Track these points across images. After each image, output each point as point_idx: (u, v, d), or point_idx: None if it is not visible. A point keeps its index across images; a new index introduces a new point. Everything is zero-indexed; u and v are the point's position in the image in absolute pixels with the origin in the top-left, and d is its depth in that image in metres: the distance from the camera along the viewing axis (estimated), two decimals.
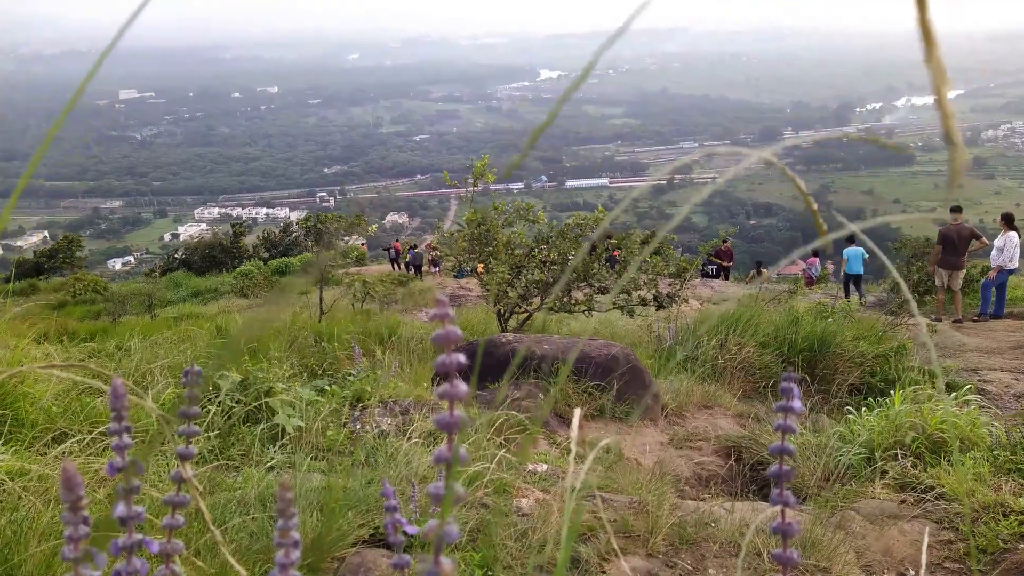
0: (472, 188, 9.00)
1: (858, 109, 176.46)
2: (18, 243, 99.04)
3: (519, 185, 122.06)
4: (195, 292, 25.39)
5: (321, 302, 11.48)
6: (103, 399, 3.82)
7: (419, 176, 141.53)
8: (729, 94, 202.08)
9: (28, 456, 3.07)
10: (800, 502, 4.07)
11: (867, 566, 3.23)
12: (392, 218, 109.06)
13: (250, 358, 4.86)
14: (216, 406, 4.03)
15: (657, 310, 9.20)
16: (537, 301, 9.31)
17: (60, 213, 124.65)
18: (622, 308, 9.10)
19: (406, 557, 1.02)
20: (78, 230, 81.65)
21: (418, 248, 27.52)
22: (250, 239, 40.85)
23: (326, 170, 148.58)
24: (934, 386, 5.54)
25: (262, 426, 4.02)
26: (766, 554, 3.02)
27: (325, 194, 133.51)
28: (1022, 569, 3.06)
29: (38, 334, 6.27)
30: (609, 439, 4.75)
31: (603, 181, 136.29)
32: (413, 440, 3.87)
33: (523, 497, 3.44)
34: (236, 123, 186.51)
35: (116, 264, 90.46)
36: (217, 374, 4.22)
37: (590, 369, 5.73)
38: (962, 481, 3.80)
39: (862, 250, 16.22)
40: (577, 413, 0.82)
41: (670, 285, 9.39)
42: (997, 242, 11.44)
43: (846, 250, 16.35)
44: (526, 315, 9.45)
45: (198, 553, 2.29)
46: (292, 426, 4.05)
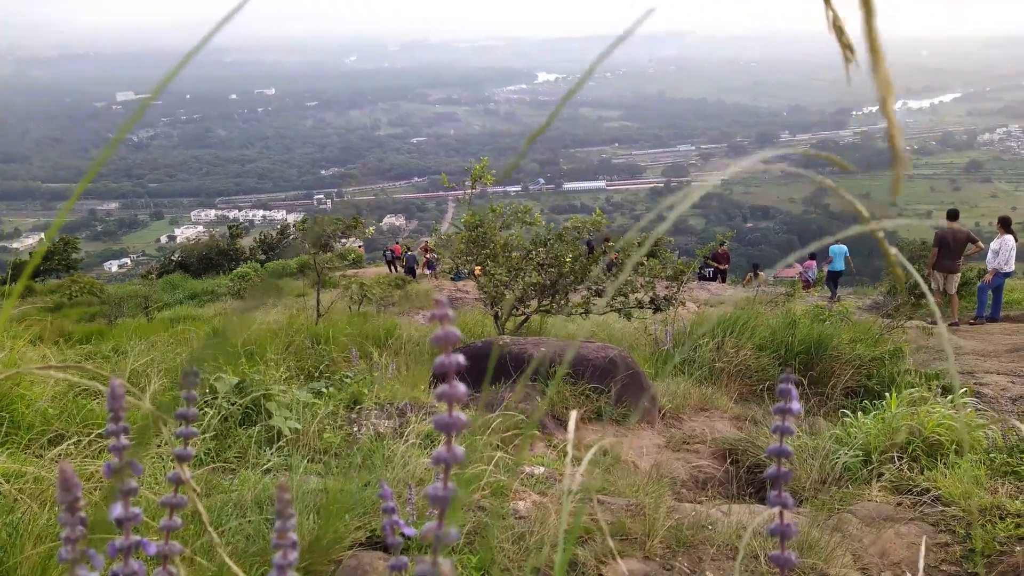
0: (470, 190, 9.01)
1: (855, 112, 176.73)
2: (14, 245, 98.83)
3: (516, 187, 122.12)
4: (192, 294, 25.34)
5: (318, 304, 11.47)
6: (99, 401, 3.81)
7: (417, 178, 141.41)
8: (726, 98, 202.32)
9: (24, 458, 3.07)
10: (797, 505, 4.08)
11: (864, 568, 3.23)
12: (390, 220, 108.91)
13: (247, 360, 4.85)
14: (213, 408, 4.02)
15: (654, 313, 9.21)
16: (534, 303, 9.32)
17: (56, 215, 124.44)
18: (619, 311, 9.11)
19: (404, 559, 1.02)
20: (74, 232, 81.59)
21: (412, 251, 27.52)
22: (247, 241, 40.76)
23: (323, 172, 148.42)
24: (930, 389, 5.55)
25: (258, 428, 4.01)
26: (763, 556, 3.02)
27: (322, 196, 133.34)
28: (1019, 571, 3.07)
29: (34, 336, 6.26)
30: (606, 442, 4.75)
31: (600, 184, 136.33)
32: (410, 442, 3.87)
33: (520, 499, 3.44)
34: (233, 125, 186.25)
35: (112, 266, 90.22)
36: (213, 376, 4.21)
37: (587, 371, 5.73)
38: (959, 484, 3.81)
39: (845, 248, 16.75)
40: (573, 415, 0.82)
41: (667, 288, 9.40)
42: (993, 245, 11.47)
43: (832, 248, 16.73)
44: (523, 317, 9.46)
45: (195, 555, 2.28)
46: (289, 428, 4.04)
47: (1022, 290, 13.98)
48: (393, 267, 27.87)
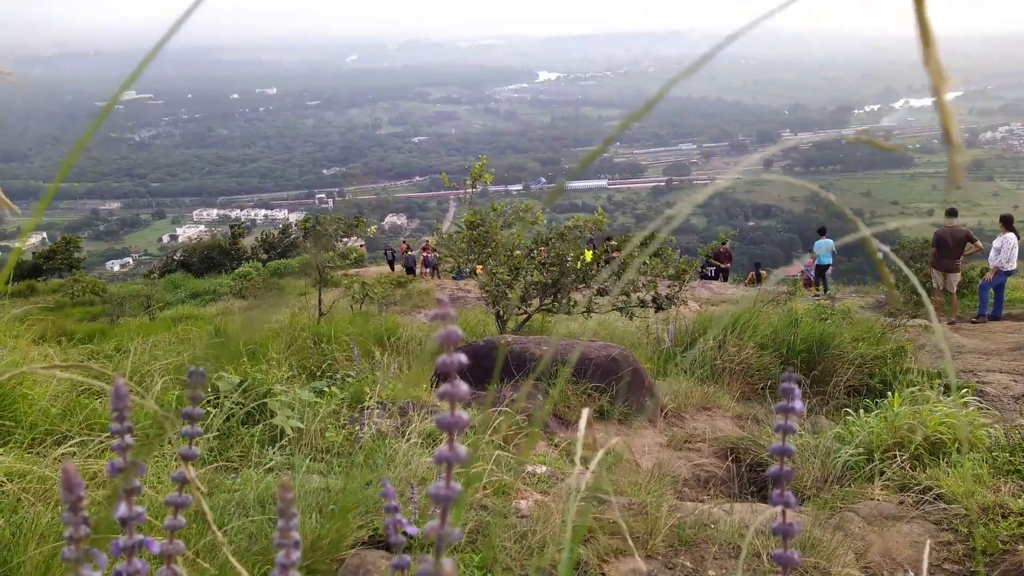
0: (471, 189, 9.01)
1: (856, 111, 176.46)
2: (16, 244, 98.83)
3: (517, 186, 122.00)
4: (194, 293, 25.34)
5: (320, 303, 11.47)
6: (102, 401, 3.81)
7: (418, 177, 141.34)
8: (727, 96, 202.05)
9: (27, 458, 3.07)
10: (799, 503, 4.07)
11: (866, 567, 3.23)
12: (391, 219, 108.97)
13: (249, 359, 4.86)
14: (215, 407, 4.03)
15: (656, 312, 9.21)
16: (536, 302, 9.32)
17: (58, 214, 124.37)
18: (621, 310, 9.11)
19: (406, 558, 1.02)
20: (76, 231, 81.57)
21: (412, 251, 27.60)
22: (248, 240, 40.78)
23: (324, 171, 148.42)
24: (932, 388, 5.55)
25: (261, 427, 4.02)
26: (765, 555, 3.02)
27: (324, 195, 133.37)
28: (1021, 570, 3.07)
29: (36, 335, 6.26)
30: (613, 441, 4.75)
31: (602, 183, 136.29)
32: (412, 441, 3.87)
33: (522, 499, 3.44)
34: (234, 124, 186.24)
35: (114, 266, 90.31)
36: (216, 375, 4.22)
37: (589, 370, 5.73)
38: (961, 483, 3.81)
39: (831, 242, 17.42)
40: (585, 413, 0.82)
41: (669, 287, 9.40)
42: (995, 243, 11.47)
43: (817, 242, 17.54)
44: (525, 316, 9.45)
45: (198, 554, 2.29)
46: (291, 427, 4.04)
47: None
48: (394, 266, 27.90)
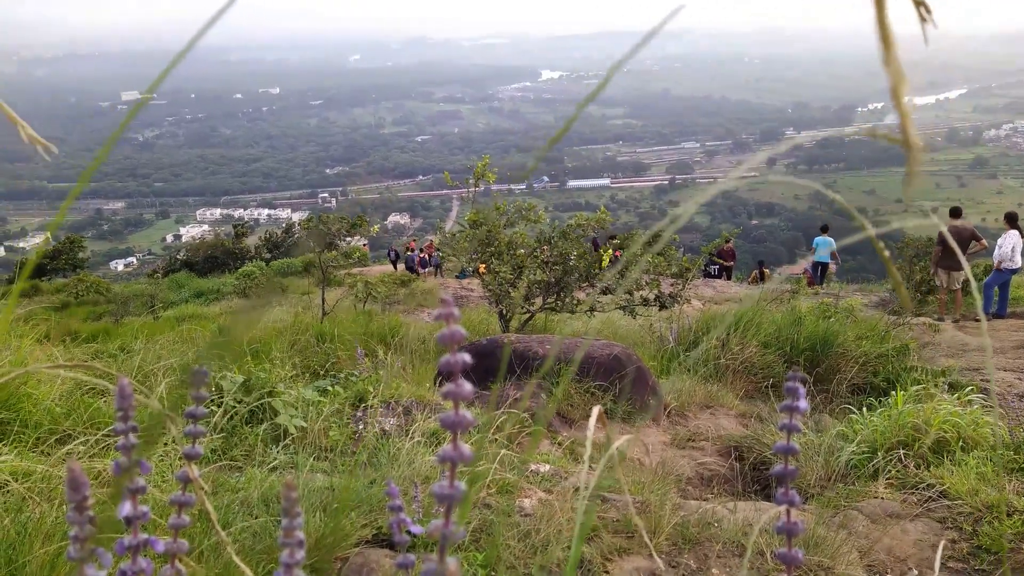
0: (474, 188, 9.01)
1: (859, 109, 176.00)
2: (20, 244, 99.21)
3: (521, 185, 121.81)
4: (197, 293, 25.38)
5: (323, 303, 11.48)
6: (107, 400, 3.82)
7: (421, 177, 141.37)
8: (730, 95, 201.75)
9: (32, 457, 3.08)
10: (803, 502, 4.07)
11: (870, 565, 3.22)
12: (394, 219, 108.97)
13: (252, 358, 4.86)
14: (219, 407, 4.03)
15: (659, 310, 9.20)
16: (539, 301, 9.32)
17: (64, 216, 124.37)
18: (624, 308, 9.10)
19: (410, 557, 1.02)
20: (80, 231, 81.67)
21: (413, 251, 27.71)
22: (252, 240, 40.83)
23: (328, 171, 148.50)
24: (936, 386, 5.54)
25: (265, 426, 4.02)
26: (769, 554, 3.02)
27: (327, 195, 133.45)
28: None
29: (41, 335, 6.28)
30: (623, 440, 4.75)
31: (605, 181, 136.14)
32: (415, 440, 3.88)
33: (526, 497, 3.44)
34: (238, 124, 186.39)
35: (118, 265, 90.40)
36: (219, 375, 4.23)
37: (592, 369, 5.73)
38: (965, 481, 3.80)
39: (830, 240, 17.97)
40: (596, 411, 0.82)
41: (672, 285, 9.39)
42: (999, 240, 11.45)
43: (817, 239, 18.13)
44: (528, 315, 9.45)
45: (202, 553, 2.29)
46: (295, 426, 4.05)
47: None
48: (396, 265, 27.95)
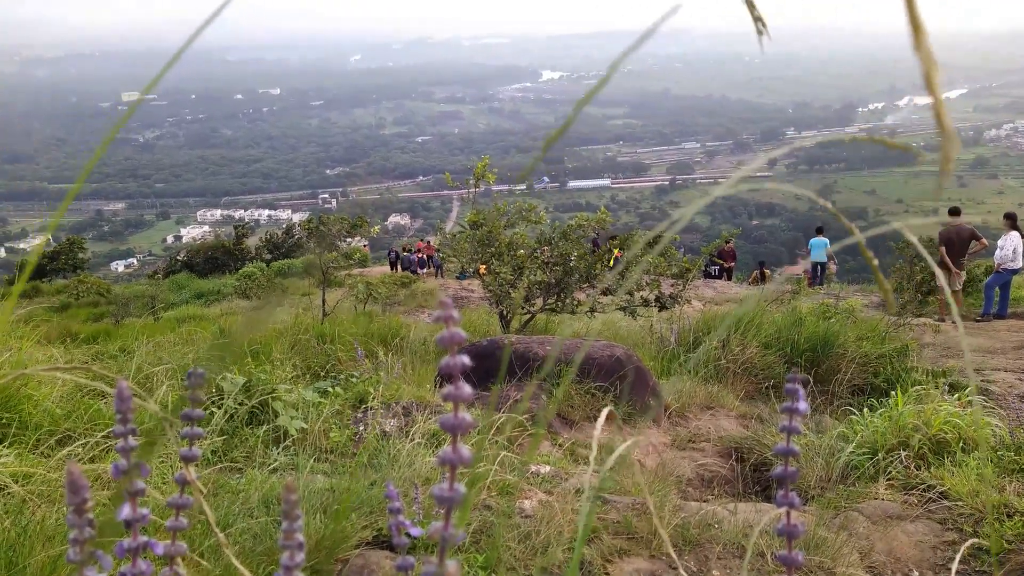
0: (474, 189, 9.01)
1: (860, 109, 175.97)
2: (21, 245, 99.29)
3: (521, 186, 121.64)
4: (198, 294, 25.40)
5: (324, 304, 11.48)
6: (107, 401, 3.82)
7: (421, 177, 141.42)
8: (731, 94, 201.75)
9: (32, 459, 3.08)
10: (803, 503, 4.07)
11: (871, 567, 3.22)
12: (395, 219, 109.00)
13: (253, 360, 4.86)
14: (219, 408, 4.03)
15: (660, 311, 9.20)
16: (539, 302, 9.31)
17: (64, 215, 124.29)
18: (625, 309, 9.10)
19: (410, 559, 1.02)
20: (81, 232, 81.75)
21: (407, 250, 27.93)
22: (252, 241, 40.89)
23: (328, 172, 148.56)
24: (937, 386, 5.53)
25: (265, 428, 4.02)
26: (770, 555, 3.01)
27: (328, 195, 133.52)
28: None
29: (41, 337, 6.28)
30: (629, 443, 4.74)
31: (605, 182, 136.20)
32: (415, 441, 3.87)
33: (526, 499, 3.44)
34: (238, 125, 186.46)
35: (119, 266, 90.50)
36: (220, 376, 4.22)
37: (593, 370, 5.73)
38: (966, 482, 3.80)
39: (826, 241, 18.70)
40: (604, 412, 0.82)
41: (673, 286, 9.38)
42: (999, 241, 11.47)
43: (812, 240, 18.90)
44: (528, 316, 9.45)
45: (202, 555, 2.29)
46: (295, 428, 4.05)
47: None
48: (395, 267, 28.02)
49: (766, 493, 4.73)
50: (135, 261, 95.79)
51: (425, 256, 27.30)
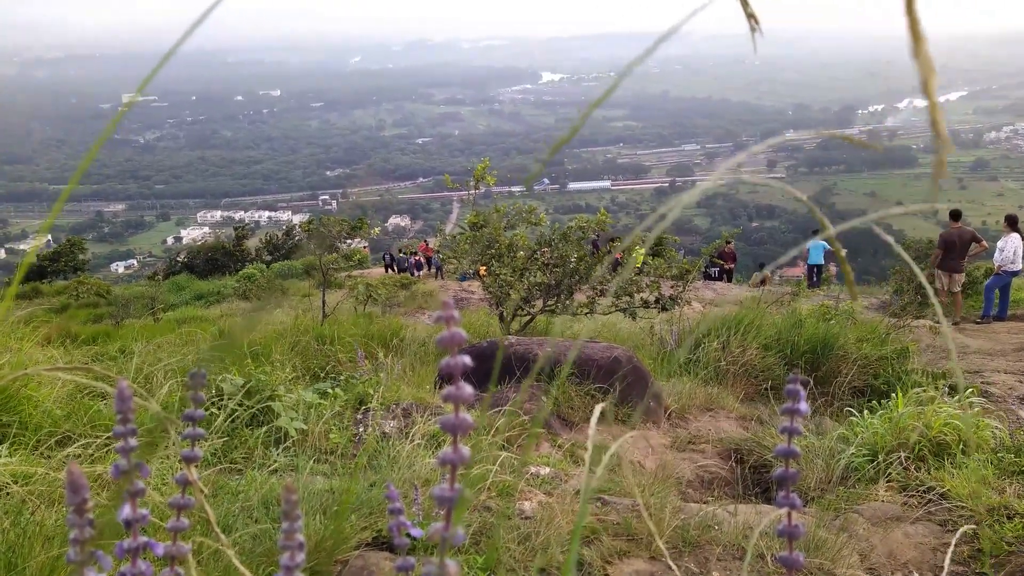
0: (474, 191, 9.01)
1: (860, 111, 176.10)
2: (21, 246, 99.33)
3: (521, 188, 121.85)
4: (198, 295, 25.38)
5: (324, 305, 11.48)
6: (107, 402, 3.82)
7: (421, 179, 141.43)
8: (731, 97, 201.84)
9: (32, 459, 3.08)
10: (803, 504, 4.06)
11: (871, 568, 3.22)
12: (394, 221, 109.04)
13: (253, 361, 4.86)
14: (219, 409, 4.03)
15: (660, 312, 9.19)
16: (539, 303, 9.31)
17: (63, 216, 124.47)
18: (624, 310, 9.10)
19: (410, 560, 1.02)
20: (81, 233, 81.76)
21: (401, 252, 28.07)
22: (252, 242, 40.89)
23: (328, 173, 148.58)
24: (937, 388, 5.53)
25: (265, 429, 4.02)
26: (770, 557, 3.01)
27: (328, 197, 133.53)
28: None
29: (41, 338, 6.28)
30: (620, 441, 4.74)
31: (605, 183, 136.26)
32: (415, 442, 3.87)
33: (526, 500, 3.44)
34: (238, 126, 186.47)
35: (119, 267, 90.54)
36: (220, 377, 4.22)
37: (592, 371, 5.72)
38: (966, 484, 3.79)
39: (824, 243, 18.41)
40: (597, 410, 0.82)
41: (672, 287, 9.38)
42: (999, 243, 11.47)
43: (809, 243, 18.35)
44: (528, 317, 9.45)
45: (202, 556, 2.29)
46: (295, 429, 4.05)
47: None
48: (391, 270, 28.08)
49: (766, 495, 4.73)
50: (135, 262, 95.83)
51: (423, 258, 27.37)
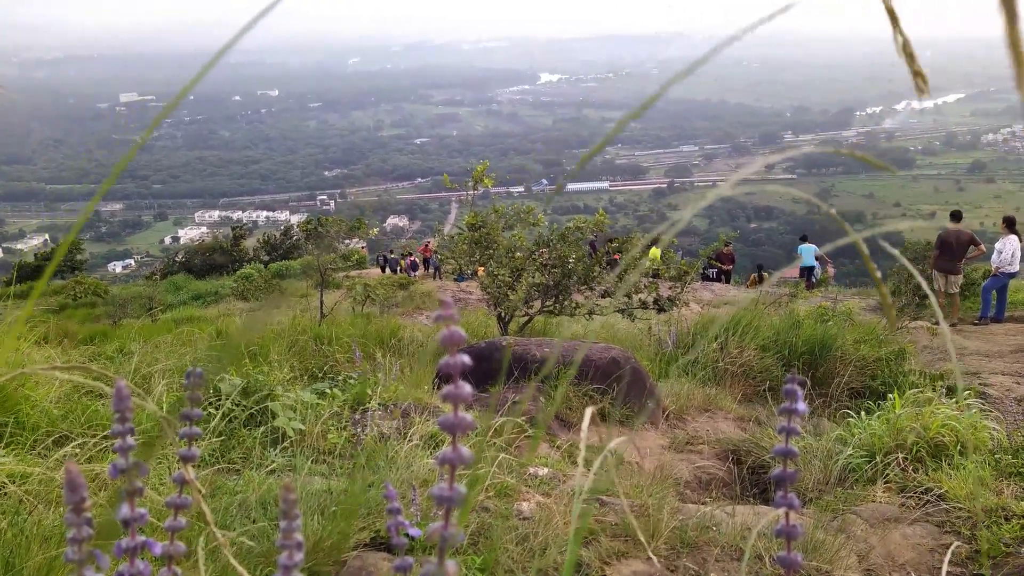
0: (472, 191, 9.02)
1: (858, 113, 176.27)
2: (18, 246, 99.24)
3: (519, 188, 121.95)
4: (195, 295, 25.37)
5: (322, 305, 11.48)
6: (104, 402, 3.82)
7: (419, 179, 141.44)
8: (729, 98, 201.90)
9: (30, 459, 3.07)
10: (801, 505, 4.07)
11: (869, 569, 3.22)
12: (392, 221, 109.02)
13: (251, 361, 4.86)
14: (216, 409, 4.03)
15: (658, 313, 9.20)
16: (537, 304, 9.32)
17: (61, 216, 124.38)
18: (623, 311, 9.10)
19: (408, 560, 1.02)
20: (79, 233, 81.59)
21: (393, 252, 28.19)
22: (250, 242, 40.84)
23: (326, 173, 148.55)
24: (934, 389, 5.54)
25: (262, 429, 4.02)
26: (768, 558, 3.01)
27: (326, 197, 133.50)
28: None
29: (39, 337, 6.27)
30: (615, 443, 4.74)
31: (603, 184, 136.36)
32: (414, 443, 3.87)
33: (524, 501, 3.44)
34: (237, 126, 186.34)
35: (116, 267, 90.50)
36: (217, 377, 4.22)
37: (591, 372, 5.72)
38: (964, 485, 3.80)
39: (814, 247, 19.44)
40: (588, 412, 0.82)
41: (671, 288, 9.39)
42: (997, 245, 11.49)
43: (800, 247, 19.92)
44: (527, 318, 9.45)
45: (195, 563, 2.28)
46: (293, 429, 4.04)
47: None
48: (386, 270, 28.12)
49: (764, 496, 4.73)
50: (133, 262, 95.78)
51: (419, 259, 27.41)
